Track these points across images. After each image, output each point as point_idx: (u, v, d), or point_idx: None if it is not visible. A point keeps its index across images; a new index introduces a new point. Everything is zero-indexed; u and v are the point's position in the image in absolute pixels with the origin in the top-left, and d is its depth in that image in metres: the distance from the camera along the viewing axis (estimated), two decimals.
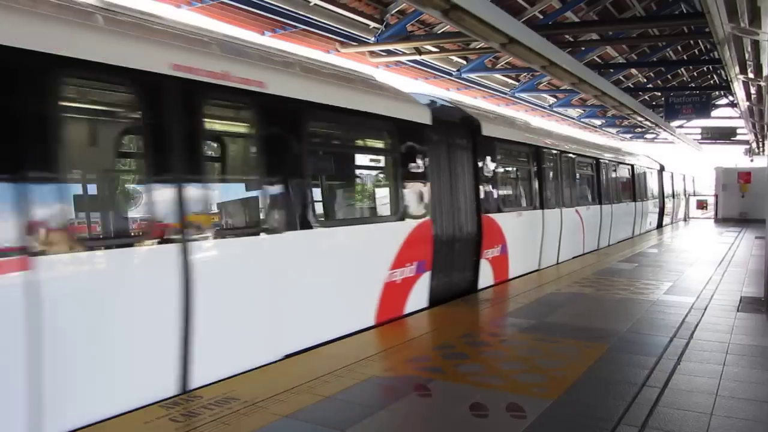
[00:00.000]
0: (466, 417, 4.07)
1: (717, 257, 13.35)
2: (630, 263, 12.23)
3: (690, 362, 5.37)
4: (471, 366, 5.19)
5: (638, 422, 3.98)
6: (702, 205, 35.00)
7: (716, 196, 29.66)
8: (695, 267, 11.75)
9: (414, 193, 7.31)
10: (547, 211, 11.26)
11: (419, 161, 7.42)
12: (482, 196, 8.98)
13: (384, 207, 7.45)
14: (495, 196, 9.43)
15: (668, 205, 24.92)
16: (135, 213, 5.43)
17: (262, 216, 5.40)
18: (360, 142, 7.71)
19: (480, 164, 9.04)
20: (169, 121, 4.51)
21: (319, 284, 5.86)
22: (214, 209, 5.46)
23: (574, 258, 12.76)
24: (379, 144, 7.52)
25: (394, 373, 4.98)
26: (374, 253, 6.76)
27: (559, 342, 6.00)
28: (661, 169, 23.36)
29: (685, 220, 29.76)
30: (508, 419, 4.03)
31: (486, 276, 9.12)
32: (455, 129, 8.80)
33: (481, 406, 4.25)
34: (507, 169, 10.81)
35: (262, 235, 5.32)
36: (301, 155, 5.71)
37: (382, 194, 7.63)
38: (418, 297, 7.41)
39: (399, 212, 7.09)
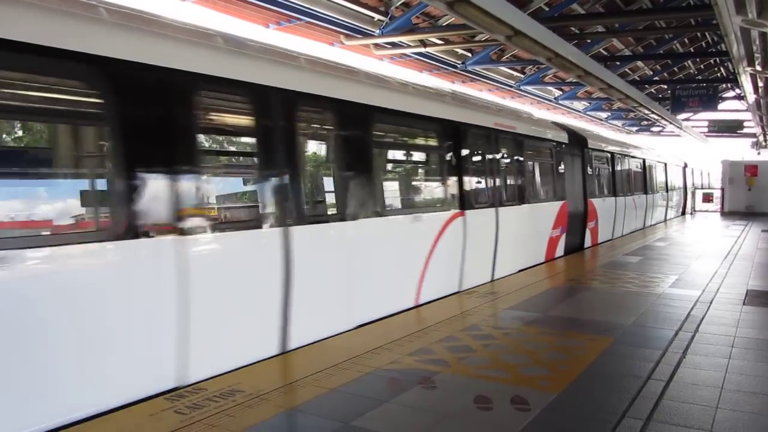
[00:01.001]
0: (470, 409, 4.07)
1: (723, 250, 13.30)
2: (636, 256, 12.20)
3: (695, 355, 5.35)
4: (476, 359, 5.19)
5: (643, 415, 3.97)
6: (708, 198, 34.85)
7: (722, 189, 29.51)
8: (701, 260, 11.71)
9: (562, 184, 12.10)
10: (618, 198, 15.94)
11: (563, 164, 12.22)
12: (587, 187, 13.52)
13: (548, 193, 11.80)
14: (592, 187, 14.06)
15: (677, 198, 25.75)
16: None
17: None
18: (539, 156, 11.63)
19: (587, 166, 13.64)
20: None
21: (517, 235, 10.00)
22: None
23: (633, 232, 17.46)
24: (547, 155, 11.82)
25: (399, 366, 4.98)
26: (548, 220, 11.42)
27: (564, 335, 5.99)
28: (685, 165, 27.63)
29: (691, 213, 29.63)
30: (512, 412, 4.03)
31: (588, 240, 13.67)
32: (576, 144, 13.15)
33: (485, 398, 4.25)
34: (599, 168, 14.98)
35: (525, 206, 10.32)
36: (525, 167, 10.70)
37: (548, 185, 11.89)
38: (560, 248, 11.97)
39: (556, 196, 11.79)
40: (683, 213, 27.33)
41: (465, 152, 8.48)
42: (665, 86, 24.10)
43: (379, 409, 4.07)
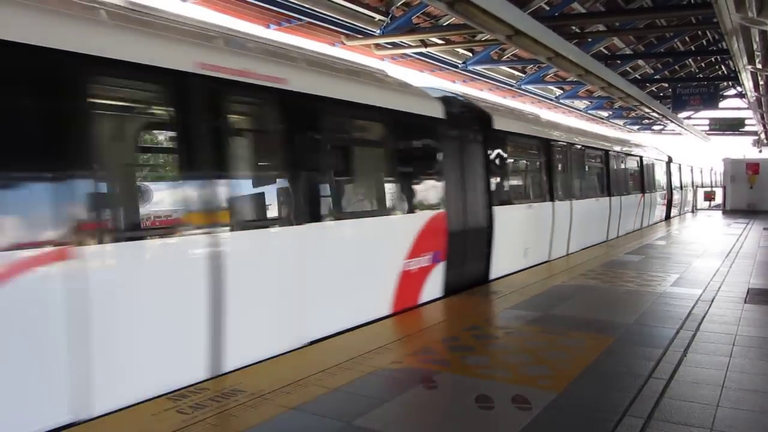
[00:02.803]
0: (472, 409, 4.08)
1: (725, 249, 13.30)
2: (638, 255, 12.20)
3: (696, 354, 5.36)
4: (477, 358, 5.20)
5: (644, 414, 3.98)
6: (709, 196, 34.86)
7: (724, 187, 29.49)
8: (702, 258, 11.71)
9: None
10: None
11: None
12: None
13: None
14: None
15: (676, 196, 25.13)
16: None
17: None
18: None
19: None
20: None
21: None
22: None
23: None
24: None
25: (401, 365, 4.99)
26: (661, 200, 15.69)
27: (566, 334, 6.00)
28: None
29: (692, 211, 29.62)
30: (513, 411, 4.04)
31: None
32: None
33: (487, 398, 4.26)
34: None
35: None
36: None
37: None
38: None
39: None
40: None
41: None
42: (666, 85, 24.08)
43: (381, 408, 4.09)
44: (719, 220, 24.07)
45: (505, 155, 9.82)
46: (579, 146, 13.36)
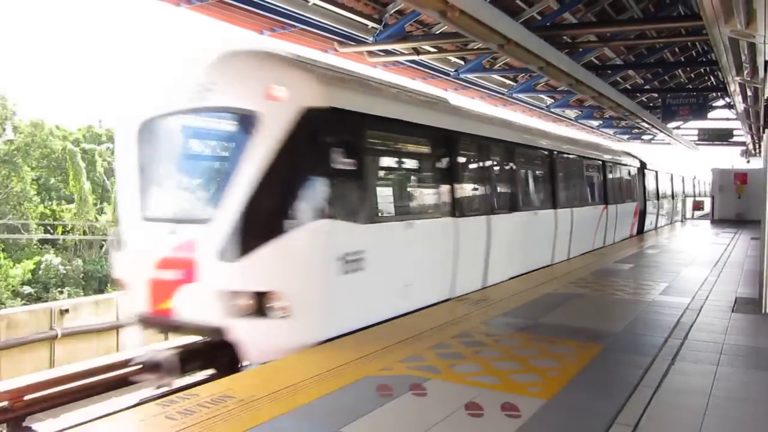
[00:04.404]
0: (461, 416, 4.09)
1: (713, 258, 13.40)
2: (626, 264, 12.26)
3: (684, 362, 5.40)
4: (467, 365, 5.22)
5: (632, 422, 4.00)
6: (698, 206, 35.12)
7: (713, 197, 29.72)
8: (691, 267, 11.79)
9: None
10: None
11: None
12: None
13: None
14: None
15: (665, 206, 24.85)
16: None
17: None
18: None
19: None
20: None
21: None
22: None
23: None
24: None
25: (390, 372, 5.00)
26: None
27: (555, 342, 6.02)
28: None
29: (681, 221, 29.83)
30: (503, 418, 4.06)
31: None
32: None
33: (476, 405, 4.27)
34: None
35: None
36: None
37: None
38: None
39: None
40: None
41: None
42: (656, 95, 24.29)
43: (370, 415, 4.09)
44: (708, 229, 24.24)
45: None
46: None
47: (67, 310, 12.31)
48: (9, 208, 28.13)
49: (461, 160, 8.90)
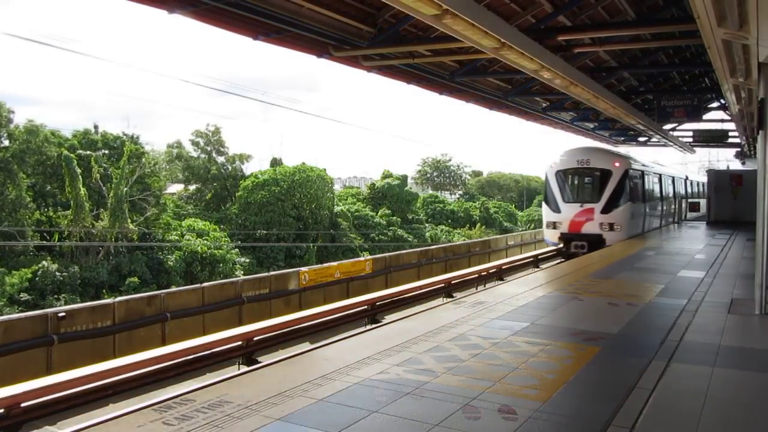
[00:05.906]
0: (458, 419, 4.09)
1: (709, 259, 13.43)
2: (624, 265, 12.29)
3: (680, 364, 5.41)
4: (464, 368, 5.22)
5: (629, 424, 4.01)
6: (694, 207, 35.23)
7: (709, 198, 29.82)
8: (687, 269, 11.82)
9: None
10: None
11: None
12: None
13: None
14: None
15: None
16: None
17: None
18: None
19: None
20: None
21: None
22: None
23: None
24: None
25: (387, 376, 5.00)
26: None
27: (552, 344, 6.03)
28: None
29: (677, 222, 29.94)
30: (500, 420, 4.06)
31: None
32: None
33: (473, 408, 4.27)
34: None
35: None
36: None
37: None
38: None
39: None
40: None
41: None
42: (651, 97, 24.37)
43: (368, 419, 4.09)
44: (703, 231, 24.32)
45: None
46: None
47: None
48: (5, 215, 28.02)
49: (655, 182, 23.52)
